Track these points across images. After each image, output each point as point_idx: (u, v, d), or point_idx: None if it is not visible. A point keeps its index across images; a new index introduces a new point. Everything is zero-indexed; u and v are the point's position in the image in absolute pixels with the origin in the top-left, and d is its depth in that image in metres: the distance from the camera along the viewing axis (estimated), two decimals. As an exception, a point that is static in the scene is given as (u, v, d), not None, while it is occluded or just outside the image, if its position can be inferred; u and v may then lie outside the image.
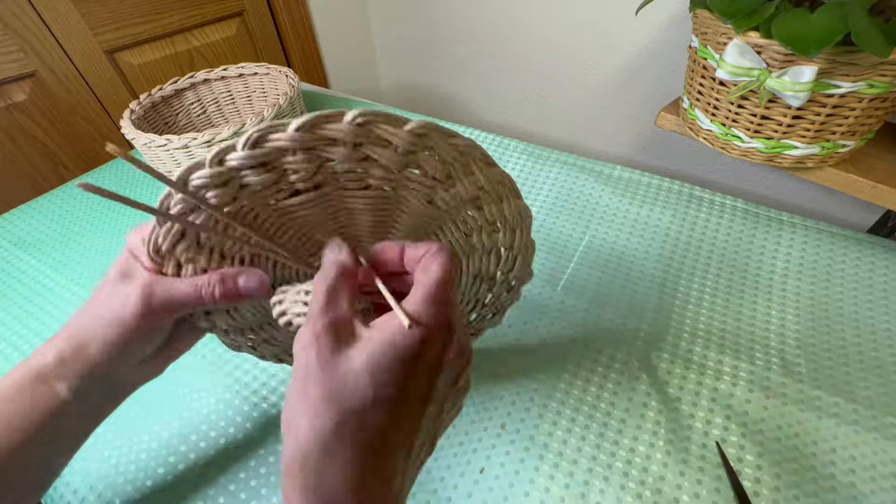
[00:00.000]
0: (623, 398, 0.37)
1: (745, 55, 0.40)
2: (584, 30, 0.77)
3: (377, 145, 0.20)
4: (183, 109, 0.69)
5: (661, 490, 0.32)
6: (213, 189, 0.20)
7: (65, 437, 0.26)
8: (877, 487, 0.31)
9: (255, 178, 0.20)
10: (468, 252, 0.28)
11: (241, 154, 0.19)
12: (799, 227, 0.48)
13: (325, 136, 0.19)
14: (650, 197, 0.53)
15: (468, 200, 0.24)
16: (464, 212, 0.25)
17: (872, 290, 0.42)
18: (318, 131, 0.19)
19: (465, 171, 0.22)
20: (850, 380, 0.36)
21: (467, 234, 0.26)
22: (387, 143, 0.20)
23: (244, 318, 0.28)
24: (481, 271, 0.29)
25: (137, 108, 0.61)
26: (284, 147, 0.19)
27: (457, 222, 0.25)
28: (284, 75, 0.64)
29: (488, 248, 0.27)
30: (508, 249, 0.28)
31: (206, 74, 0.68)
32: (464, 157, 0.22)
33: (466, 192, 0.23)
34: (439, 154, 0.21)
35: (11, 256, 0.55)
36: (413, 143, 0.20)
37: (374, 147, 0.20)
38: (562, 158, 0.60)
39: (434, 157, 0.21)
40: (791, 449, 0.33)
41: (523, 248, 0.28)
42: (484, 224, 0.25)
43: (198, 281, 0.23)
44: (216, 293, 0.23)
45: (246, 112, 0.74)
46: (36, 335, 0.46)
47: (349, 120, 0.19)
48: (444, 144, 0.21)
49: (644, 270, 0.46)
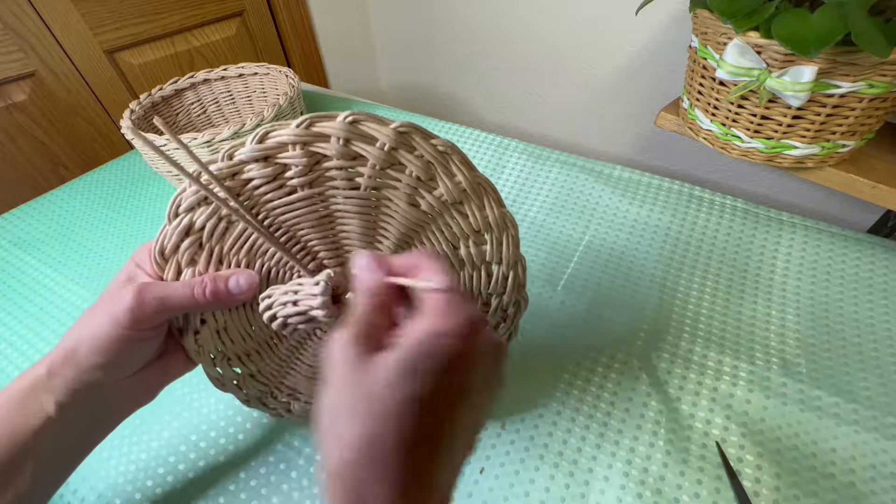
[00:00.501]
0: (623, 398, 0.37)
1: (745, 55, 0.40)
2: (584, 30, 0.77)
3: (364, 142, 0.22)
4: (183, 109, 0.69)
5: (661, 490, 0.32)
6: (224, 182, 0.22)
7: (49, 459, 0.24)
8: (877, 487, 0.31)
9: (258, 172, 0.22)
10: (457, 268, 0.28)
11: (249, 148, 0.22)
12: (799, 227, 0.48)
13: (320, 133, 0.22)
14: (650, 197, 0.53)
15: (451, 204, 0.25)
16: (447, 216, 0.25)
17: (872, 290, 0.42)
18: (314, 128, 0.22)
19: (446, 172, 0.23)
20: (850, 380, 0.36)
21: (454, 245, 0.26)
22: (373, 140, 0.22)
23: (233, 343, 0.28)
24: (472, 293, 0.29)
25: (137, 108, 0.61)
26: (285, 141, 0.22)
27: (442, 229, 0.26)
28: (284, 75, 0.64)
29: (477, 262, 0.27)
30: (498, 264, 0.27)
31: (206, 74, 0.68)
32: (443, 157, 0.23)
33: (449, 194, 0.24)
34: (421, 153, 0.23)
35: (11, 256, 0.55)
36: (396, 140, 0.22)
37: (362, 144, 0.22)
38: (562, 158, 0.60)
39: (416, 155, 0.23)
40: (791, 449, 0.33)
41: (513, 264, 0.27)
42: (470, 232, 0.26)
43: (191, 281, 0.24)
44: (208, 291, 0.23)
45: (246, 112, 0.74)
46: (36, 335, 0.46)
47: (341, 119, 0.21)
48: (425, 143, 0.23)
49: (644, 270, 0.46)
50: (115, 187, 0.65)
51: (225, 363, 0.28)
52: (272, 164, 0.22)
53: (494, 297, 0.29)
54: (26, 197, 0.65)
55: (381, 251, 0.27)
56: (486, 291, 0.28)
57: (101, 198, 0.64)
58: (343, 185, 0.23)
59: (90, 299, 0.49)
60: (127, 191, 0.65)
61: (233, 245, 0.25)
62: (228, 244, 0.24)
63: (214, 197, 0.22)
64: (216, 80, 0.70)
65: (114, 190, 0.65)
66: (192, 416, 0.37)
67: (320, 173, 0.23)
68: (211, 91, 0.71)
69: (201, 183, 0.22)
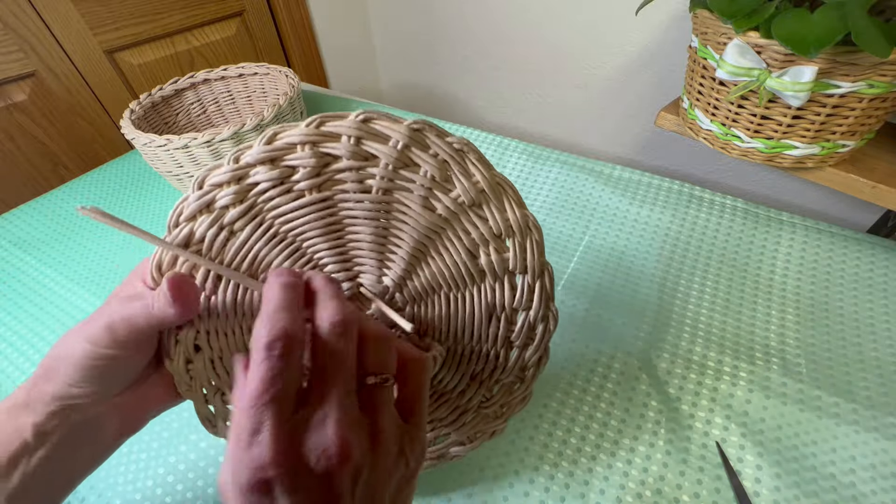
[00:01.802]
0: (623, 398, 0.37)
1: (745, 55, 0.40)
2: (584, 30, 0.77)
3: (377, 141, 0.21)
4: (183, 109, 0.69)
5: (661, 490, 0.32)
6: (228, 186, 0.22)
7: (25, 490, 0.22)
8: (877, 487, 0.31)
9: (265, 175, 0.21)
10: (477, 280, 0.25)
11: (256, 150, 0.21)
12: (799, 227, 0.48)
13: (330, 132, 0.21)
14: (650, 197, 0.53)
15: (469, 207, 0.23)
16: (465, 220, 0.23)
17: (872, 290, 0.42)
18: (324, 127, 0.21)
19: (462, 171, 0.22)
20: (850, 380, 0.36)
21: (473, 253, 0.24)
22: (386, 139, 0.21)
23: (229, 375, 0.26)
24: (495, 306, 0.26)
25: (137, 108, 0.61)
26: (294, 142, 0.21)
27: (460, 235, 0.24)
28: (284, 75, 0.64)
29: (499, 272, 0.25)
30: (522, 274, 0.25)
31: (206, 74, 0.68)
32: (459, 155, 0.22)
33: (466, 194, 0.22)
34: (436, 151, 0.22)
35: (11, 256, 0.55)
36: (409, 138, 0.21)
37: (374, 143, 0.21)
38: (562, 158, 0.60)
39: (431, 154, 0.22)
40: (791, 449, 0.33)
41: (539, 273, 0.25)
42: (490, 237, 0.24)
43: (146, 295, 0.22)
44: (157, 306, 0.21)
45: (246, 112, 0.74)
46: (36, 335, 0.46)
47: (353, 117, 0.21)
48: (440, 141, 0.22)
49: (644, 270, 0.46)
50: (116, 187, 0.66)
51: (219, 399, 0.25)
52: (279, 167, 0.21)
53: (520, 312, 0.26)
54: (26, 197, 0.66)
55: (392, 262, 0.25)
56: (510, 307, 0.26)
57: (101, 198, 0.64)
58: (353, 188, 0.22)
59: (90, 299, 0.49)
60: (127, 191, 0.65)
61: (234, 256, 0.23)
62: (230, 255, 0.23)
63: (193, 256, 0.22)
64: (216, 80, 0.70)
65: (114, 190, 0.65)
66: (192, 415, 0.37)
67: (329, 176, 0.22)
68: (211, 91, 0.71)
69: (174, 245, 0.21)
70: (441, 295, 0.26)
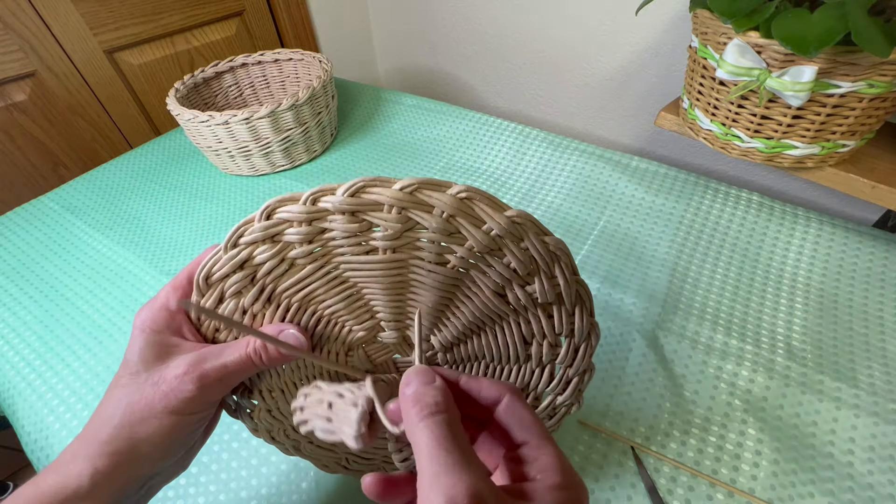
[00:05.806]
0: (630, 374, 0.38)
1: (745, 55, 0.40)
2: (584, 29, 0.76)
3: (470, 223, 0.20)
4: (221, 91, 0.73)
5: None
6: (298, 226, 0.20)
7: None
8: (874, 468, 0.32)
9: (341, 225, 0.20)
10: (522, 360, 0.25)
11: (338, 198, 0.19)
12: (814, 221, 0.49)
13: (423, 202, 0.19)
14: (666, 186, 0.54)
15: (541, 305, 0.23)
16: (531, 315, 0.23)
17: (885, 285, 0.43)
18: (419, 195, 0.19)
19: (546, 273, 0.21)
20: (854, 367, 0.37)
21: (527, 341, 0.24)
22: (480, 223, 0.20)
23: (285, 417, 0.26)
24: (530, 384, 0.26)
25: (182, 88, 0.65)
26: (381, 202, 0.19)
27: (521, 324, 0.23)
28: (318, 60, 0.67)
29: (545, 362, 0.25)
30: (566, 367, 0.25)
31: (244, 59, 0.72)
32: (551, 257, 0.21)
33: (543, 295, 0.22)
34: (528, 247, 0.20)
35: (64, 220, 0.60)
36: (506, 230, 0.20)
37: (467, 224, 0.20)
38: (580, 147, 0.61)
39: (522, 248, 0.20)
40: (791, 427, 0.34)
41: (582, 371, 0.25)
42: (549, 333, 0.24)
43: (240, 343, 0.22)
44: (265, 358, 0.22)
45: (279, 95, 0.77)
46: (86, 290, 0.50)
47: (453, 192, 0.19)
48: (536, 240, 0.20)
49: (656, 255, 0.48)
50: (159, 161, 0.70)
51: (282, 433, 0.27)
52: (359, 221, 0.20)
53: (559, 367, 0.26)
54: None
55: (445, 327, 0.24)
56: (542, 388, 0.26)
57: (145, 171, 0.68)
58: (431, 258, 0.21)
59: (132, 259, 0.53)
60: (169, 165, 0.69)
61: (289, 287, 0.22)
62: (284, 285, 0.22)
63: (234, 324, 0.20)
64: (253, 64, 0.74)
65: (157, 164, 0.69)
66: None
67: (410, 241, 0.21)
68: (248, 75, 0.74)
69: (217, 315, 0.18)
70: (482, 364, 0.26)
